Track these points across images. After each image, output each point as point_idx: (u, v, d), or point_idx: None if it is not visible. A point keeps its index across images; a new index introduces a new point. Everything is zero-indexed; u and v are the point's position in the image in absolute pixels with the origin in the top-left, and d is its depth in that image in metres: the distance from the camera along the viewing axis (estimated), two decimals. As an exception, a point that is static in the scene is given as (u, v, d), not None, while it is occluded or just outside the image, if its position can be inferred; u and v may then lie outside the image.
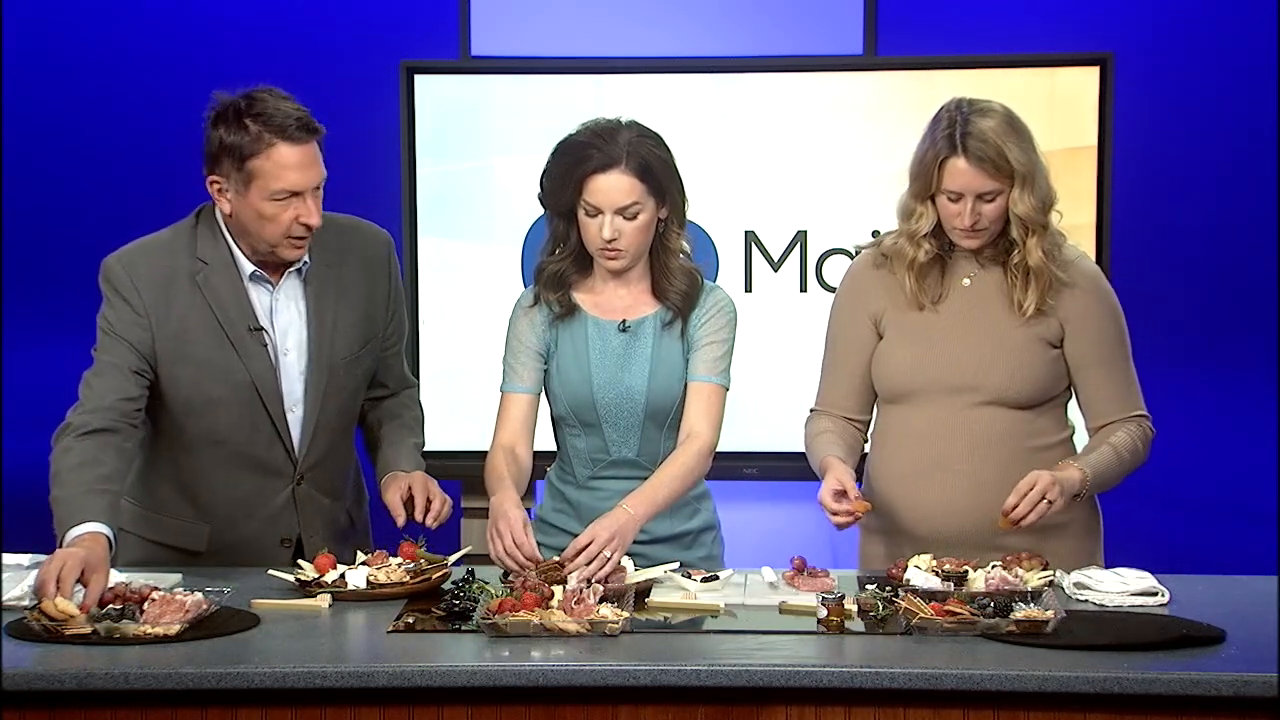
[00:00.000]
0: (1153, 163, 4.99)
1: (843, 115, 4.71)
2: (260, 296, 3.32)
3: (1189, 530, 5.08)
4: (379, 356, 3.46)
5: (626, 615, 2.86)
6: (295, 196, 3.18)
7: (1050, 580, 3.06)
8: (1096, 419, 3.35)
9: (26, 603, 2.97)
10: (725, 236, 4.75)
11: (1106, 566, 3.26)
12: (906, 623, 2.84)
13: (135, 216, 3.62)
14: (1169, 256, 5.04)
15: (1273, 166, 4.96)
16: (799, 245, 4.75)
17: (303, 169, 3.18)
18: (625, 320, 3.38)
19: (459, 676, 2.66)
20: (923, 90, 4.62)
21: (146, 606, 2.85)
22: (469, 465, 4.02)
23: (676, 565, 3.20)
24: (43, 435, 3.21)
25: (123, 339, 3.25)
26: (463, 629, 2.89)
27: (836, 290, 3.48)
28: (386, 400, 3.54)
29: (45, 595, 2.84)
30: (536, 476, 3.45)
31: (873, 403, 3.44)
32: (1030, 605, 2.87)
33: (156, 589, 2.92)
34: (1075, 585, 3.11)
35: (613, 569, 3.09)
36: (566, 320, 3.39)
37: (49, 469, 3.14)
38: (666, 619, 2.95)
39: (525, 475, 3.36)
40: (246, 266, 3.30)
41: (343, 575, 3.08)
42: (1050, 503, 3.13)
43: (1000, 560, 3.10)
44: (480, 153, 4.76)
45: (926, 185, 3.26)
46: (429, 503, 3.28)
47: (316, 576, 3.09)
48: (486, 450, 3.40)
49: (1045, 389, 3.32)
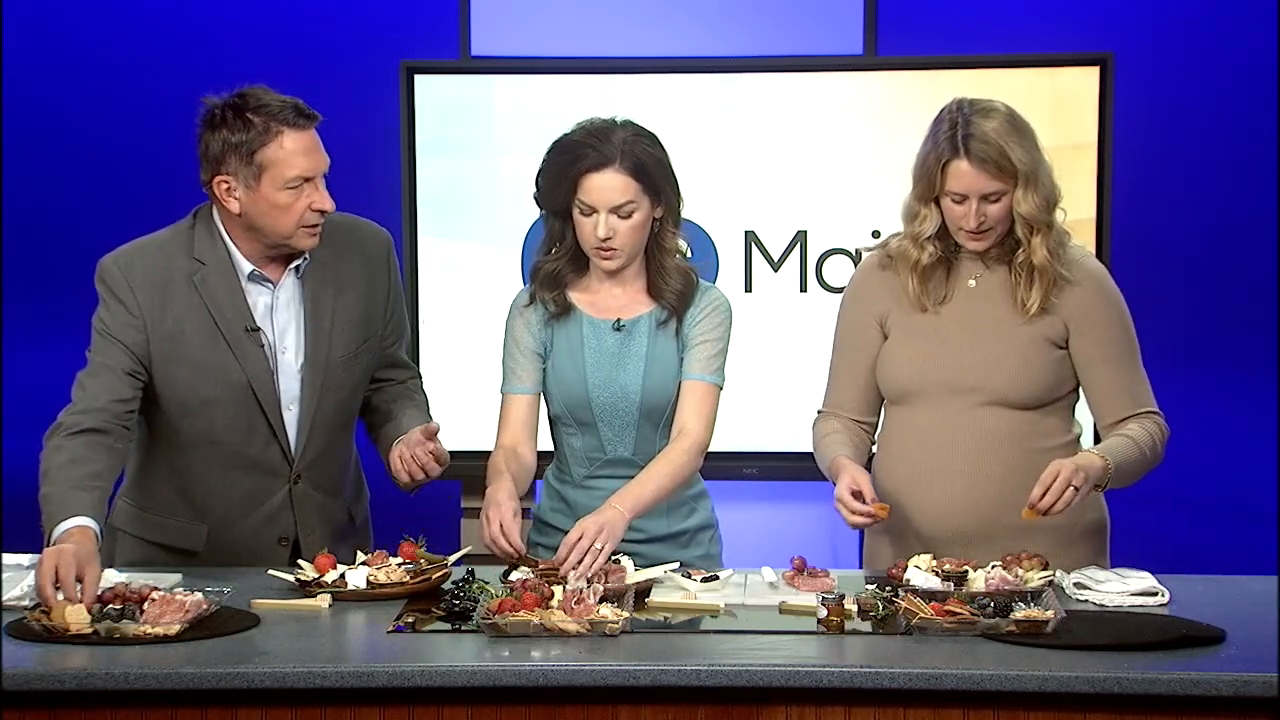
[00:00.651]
0: (1153, 162, 4.99)
1: (843, 115, 4.70)
2: (259, 296, 3.32)
3: (1189, 530, 5.08)
4: (378, 354, 3.46)
5: (626, 615, 2.86)
6: (307, 183, 3.21)
7: (1050, 580, 3.06)
8: (1107, 417, 3.31)
9: (26, 603, 2.97)
10: (725, 236, 4.75)
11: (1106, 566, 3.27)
12: (906, 623, 2.84)
13: (135, 217, 3.62)
14: (1169, 256, 5.03)
15: (1273, 166, 4.96)
16: (799, 245, 4.75)
17: (310, 154, 3.22)
18: (620, 319, 3.38)
19: (459, 676, 2.66)
20: (923, 90, 4.62)
21: (146, 606, 2.85)
22: (469, 465, 4.01)
23: (676, 565, 3.20)
24: (42, 435, 3.20)
25: (117, 340, 3.25)
26: (463, 629, 2.89)
27: (844, 292, 3.48)
28: (392, 386, 3.52)
29: (50, 603, 2.84)
30: (537, 476, 3.45)
31: (879, 405, 3.43)
32: (1030, 605, 2.87)
33: (156, 589, 2.92)
34: (1075, 585, 3.10)
35: (604, 561, 3.09)
36: (562, 319, 3.39)
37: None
38: (666, 619, 2.95)
39: (529, 474, 3.36)
40: (244, 266, 3.30)
41: (343, 575, 3.08)
42: (1076, 489, 3.09)
43: (1000, 560, 3.10)
44: (480, 153, 4.76)
45: (930, 187, 3.25)
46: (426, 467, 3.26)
47: (316, 576, 3.09)
48: (487, 450, 3.40)
49: (1050, 390, 3.30)
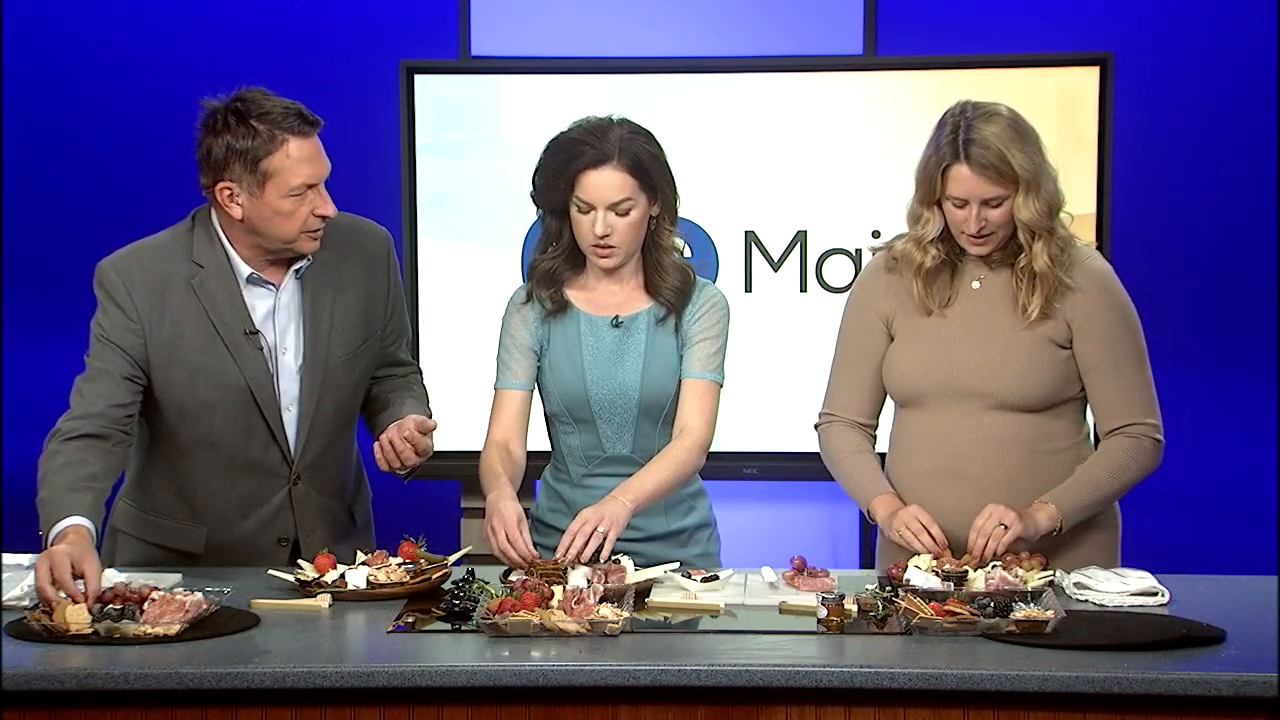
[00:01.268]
0: (1153, 163, 4.99)
1: (843, 115, 4.70)
2: (260, 300, 3.32)
3: (1189, 530, 5.07)
4: (378, 355, 3.46)
5: (626, 615, 2.86)
6: (310, 189, 3.22)
7: (1050, 580, 3.06)
8: (1103, 424, 3.30)
9: (26, 603, 2.97)
10: (725, 236, 4.75)
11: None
12: (906, 623, 2.84)
13: (134, 217, 3.62)
14: (1169, 257, 5.03)
15: (1273, 166, 4.96)
16: (799, 245, 4.75)
17: (314, 161, 3.22)
18: (618, 315, 3.38)
19: (459, 676, 2.66)
20: (922, 90, 4.62)
21: (146, 606, 2.85)
22: (468, 465, 3.99)
23: (676, 565, 3.20)
24: (42, 436, 3.20)
25: (114, 345, 3.25)
26: (463, 629, 2.89)
27: (848, 293, 3.47)
28: (393, 379, 3.51)
29: (52, 604, 2.84)
30: (533, 475, 3.45)
31: (882, 407, 3.43)
32: (1030, 605, 2.87)
33: (156, 589, 2.92)
34: (1075, 585, 3.10)
35: (610, 546, 3.11)
36: (559, 317, 3.39)
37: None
38: (666, 619, 2.95)
39: (520, 470, 3.37)
40: (243, 270, 3.30)
41: (343, 575, 3.08)
42: (1007, 527, 3.13)
43: (1000, 560, 3.10)
44: (480, 153, 4.76)
45: (931, 191, 3.24)
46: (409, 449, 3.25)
47: (316, 576, 3.09)
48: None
49: (1055, 392, 3.28)
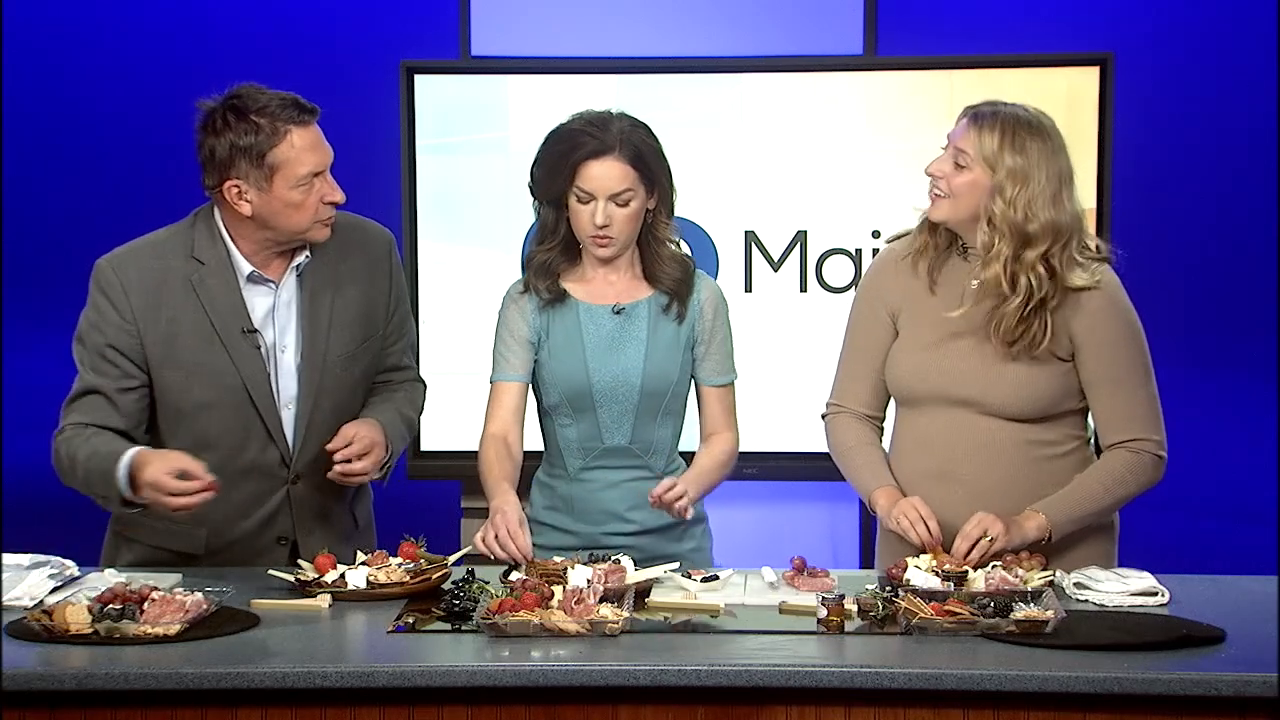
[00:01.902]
0: (1153, 163, 4.99)
1: (843, 115, 4.70)
2: (260, 298, 3.32)
3: (1189, 530, 5.07)
4: (379, 355, 3.46)
5: (626, 615, 2.86)
6: (316, 177, 3.23)
7: (1050, 580, 3.06)
8: (1105, 438, 3.29)
9: (26, 603, 2.98)
10: (725, 236, 4.75)
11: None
12: (906, 623, 2.84)
13: (134, 217, 3.61)
14: (1168, 257, 5.03)
15: (1273, 166, 4.96)
16: (799, 245, 4.75)
17: (318, 149, 3.24)
18: (619, 303, 3.38)
19: (459, 676, 2.66)
20: (923, 90, 4.62)
21: (146, 606, 2.85)
22: (468, 465, 3.99)
23: (676, 565, 3.20)
24: (42, 435, 3.21)
25: (110, 348, 3.25)
26: (463, 629, 2.89)
27: (859, 284, 3.47)
28: (388, 386, 3.50)
29: (172, 498, 3.05)
30: (527, 475, 3.45)
31: (889, 398, 3.42)
32: (1030, 605, 2.87)
33: (156, 589, 2.92)
34: (1075, 585, 3.10)
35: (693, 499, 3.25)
36: (557, 307, 3.40)
37: (59, 466, 3.20)
38: (666, 619, 2.95)
39: (518, 465, 3.38)
40: (244, 267, 3.30)
41: (343, 575, 3.08)
42: (993, 539, 3.13)
43: (1000, 560, 3.10)
44: (480, 153, 4.76)
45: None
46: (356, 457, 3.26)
47: (316, 576, 3.09)
48: (487, 451, 3.40)
49: (1052, 404, 3.27)
